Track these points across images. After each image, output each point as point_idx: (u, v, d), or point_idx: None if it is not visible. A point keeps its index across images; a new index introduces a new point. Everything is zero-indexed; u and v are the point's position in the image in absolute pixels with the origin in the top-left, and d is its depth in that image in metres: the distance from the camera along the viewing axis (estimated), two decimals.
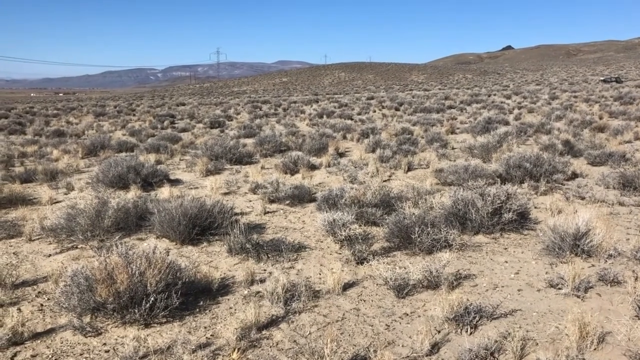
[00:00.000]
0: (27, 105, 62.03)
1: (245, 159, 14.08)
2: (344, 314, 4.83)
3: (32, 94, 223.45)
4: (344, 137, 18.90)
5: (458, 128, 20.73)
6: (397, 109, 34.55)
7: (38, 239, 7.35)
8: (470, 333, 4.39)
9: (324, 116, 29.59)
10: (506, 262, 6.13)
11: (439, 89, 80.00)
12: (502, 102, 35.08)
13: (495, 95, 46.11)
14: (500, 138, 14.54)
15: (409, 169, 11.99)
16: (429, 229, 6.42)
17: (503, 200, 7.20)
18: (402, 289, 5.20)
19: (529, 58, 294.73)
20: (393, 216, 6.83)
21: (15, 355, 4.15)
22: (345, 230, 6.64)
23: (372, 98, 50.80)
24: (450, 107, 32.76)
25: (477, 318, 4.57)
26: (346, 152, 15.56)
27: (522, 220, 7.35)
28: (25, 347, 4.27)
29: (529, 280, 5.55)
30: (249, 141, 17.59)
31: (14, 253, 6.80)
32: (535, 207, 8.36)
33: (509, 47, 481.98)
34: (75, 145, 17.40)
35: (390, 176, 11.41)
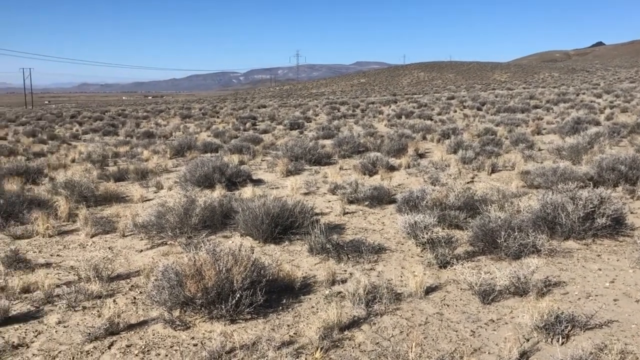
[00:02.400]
0: (119, 108, 65.79)
1: (324, 160, 14.19)
2: (427, 318, 4.74)
3: (123, 97, 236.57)
4: (424, 138, 18.61)
5: (544, 128, 19.85)
6: (479, 109, 33.59)
7: (131, 235, 7.76)
8: (562, 343, 4.18)
9: (403, 117, 29.29)
10: (600, 269, 5.79)
11: (524, 88, 77.00)
12: (592, 102, 33.22)
13: (584, 94, 43.77)
14: (590, 139, 13.78)
15: (493, 170, 11.62)
16: (516, 233, 6.18)
17: (596, 204, 6.81)
18: (488, 295, 5.04)
19: (622, 54, 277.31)
20: (477, 219, 6.64)
21: (112, 344, 4.40)
22: (427, 233, 6.53)
23: (452, 98, 49.70)
24: (535, 107, 31.43)
25: (569, 328, 4.35)
26: (426, 153, 15.32)
27: (617, 226, 6.92)
28: (121, 337, 4.51)
29: (626, 290, 5.21)
30: (328, 142, 17.72)
31: (109, 248, 7.21)
32: (632, 213, 7.86)
33: (599, 44, 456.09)
34: (163, 146, 18.24)
35: (473, 178, 11.11)
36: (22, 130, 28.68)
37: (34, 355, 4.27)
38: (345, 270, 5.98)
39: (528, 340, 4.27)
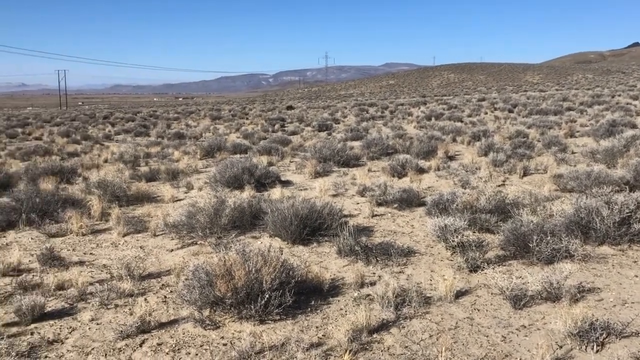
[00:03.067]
0: (150, 109, 66.85)
1: (353, 162, 14.17)
2: (457, 323, 4.69)
3: (154, 99, 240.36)
4: (454, 140, 18.43)
5: (578, 131, 19.44)
6: (510, 111, 33.08)
7: (162, 234, 7.86)
8: (597, 351, 4.08)
9: (432, 118, 29.05)
10: (636, 276, 5.64)
11: (556, 89, 75.58)
12: (628, 104, 32.38)
13: (619, 96, 42.71)
14: (627, 142, 13.45)
15: (525, 173, 11.43)
16: (548, 237, 6.06)
17: (632, 209, 6.63)
18: (519, 300, 4.96)
19: None
20: (509, 223, 6.53)
21: (143, 342, 4.46)
22: (457, 237, 6.46)
23: (483, 100, 49.07)
24: (569, 109, 30.83)
25: (604, 335, 4.24)
26: (456, 155, 15.16)
27: None
28: (152, 336, 4.58)
29: None
30: (356, 144, 17.69)
31: (140, 247, 7.33)
32: None
33: (636, 44, 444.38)
34: (194, 147, 18.46)
35: (504, 181, 10.95)
36: (57, 131, 29.39)
37: (68, 351, 4.36)
38: (374, 273, 5.95)
39: (561, 347, 4.18)
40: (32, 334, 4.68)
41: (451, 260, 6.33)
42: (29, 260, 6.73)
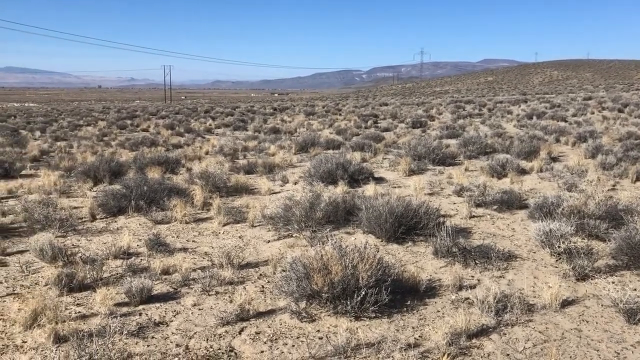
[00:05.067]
0: (248, 105, 68.98)
1: (448, 160, 13.81)
2: (563, 333, 4.42)
3: (252, 94, 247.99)
4: (557, 141, 17.46)
5: None
6: (620, 111, 30.84)
7: (259, 225, 8.07)
8: None
9: (534, 117, 27.69)
10: None
11: None
12: None
13: None
14: None
15: (638, 178, 10.60)
16: None
17: None
18: (635, 314, 4.59)
19: None
20: (622, 231, 6.08)
21: (242, 330, 4.60)
22: (563, 242, 6.10)
23: (589, 98, 46.13)
24: None
25: None
26: (560, 156, 14.35)
27: None
28: (250, 324, 4.70)
29: None
30: (452, 142, 17.24)
31: (239, 237, 7.57)
32: None
33: None
34: (289, 142, 18.82)
35: (614, 186, 10.22)
36: (162, 123, 31.08)
37: (172, 333, 4.58)
38: (473, 276, 5.76)
39: None
40: (140, 314, 4.97)
41: (556, 267, 5.99)
42: (137, 245, 7.15)
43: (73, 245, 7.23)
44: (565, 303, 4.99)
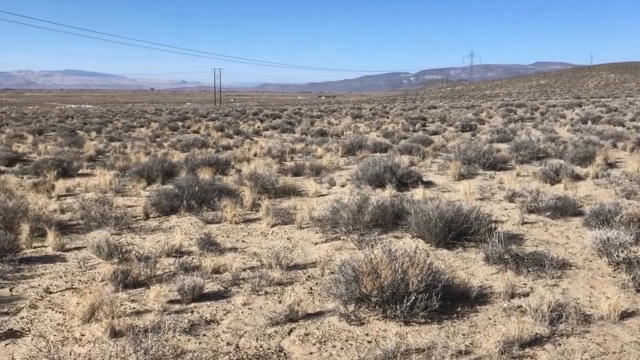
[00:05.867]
0: (295, 107, 69.55)
1: (499, 165, 13.53)
2: (622, 346, 4.26)
3: (299, 97, 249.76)
4: (614, 146, 16.83)
5: None
6: None
7: (307, 227, 8.12)
8: None
9: (589, 122, 26.79)
10: None
11: None
12: None
13: None
14: None
15: None
16: None
17: None
18: None
19: None
20: None
21: (291, 331, 4.63)
22: (622, 252, 5.87)
23: None
24: None
25: None
26: (617, 162, 13.83)
27: None
28: (299, 325, 4.73)
29: None
30: (503, 146, 16.88)
31: (287, 238, 7.63)
32: None
33: None
34: (335, 144, 18.85)
35: None
36: (212, 125, 31.70)
37: (223, 332, 4.66)
38: (525, 284, 5.61)
39: None
40: (192, 312, 5.08)
41: (614, 277, 5.78)
42: (189, 244, 7.31)
43: (127, 242, 7.46)
44: (625, 315, 4.80)
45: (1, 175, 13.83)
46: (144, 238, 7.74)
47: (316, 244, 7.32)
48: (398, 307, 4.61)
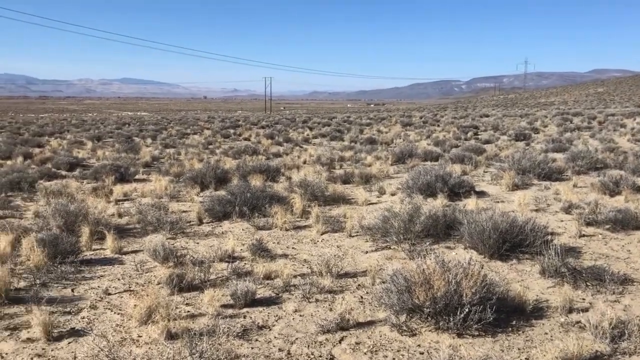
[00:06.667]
0: (344, 115, 69.69)
1: (555, 175, 13.13)
2: None
3: (348, 105, 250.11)
4: None
5: None
6: None
7: (356, 235, 8.12)
8: None
9: None
10: None
11: None
12: None
13: None
14: None
15: None
16: None
17: None
18: None
19: None
20: None
21: (342, 339, 4.64)
22: None
23: None
24: None
25: None
26: None
27: None
28: (350, 334, 4.73)
29: None
30: (559, 156, 16.40)
31: (337, 246, 7.65)
32: None
33: None
34: (385, 153, 18.78)
35: None
36: (263, 133, 32.17)
37: (275, 338, 4.71)
38: (584, 299, 5.42)
39: None
40: (244, 317, 5.16)
41: None
42: (241, 249, 7.44)
43: (182, 247, 7.65)
44: None
45: (63, 180, 14.46)
46: (197, 243, 7.92)
47: (366, 252, 7.31)
48: (451, 318, 4.55)
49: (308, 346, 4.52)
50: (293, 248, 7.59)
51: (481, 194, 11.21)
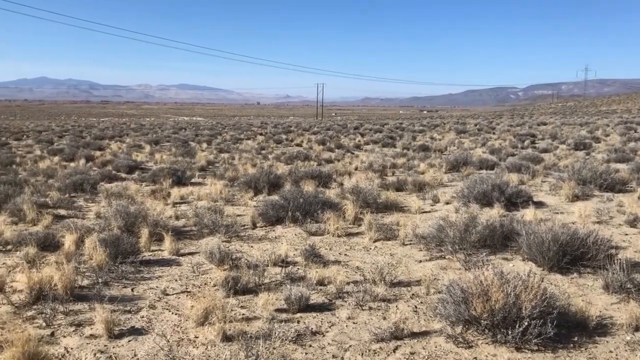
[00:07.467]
0: (397, 122, 69.22)
1: (618, 186, 12.59)
2: None
3: (400, 111, 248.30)
4: None
5: None
6: None
7: (410, 244, 8.03)
8: None
9: None
10: None
11: None
12: None
13: None
14: None
15: None
16: None
17: None
18: None
19: None
20: None
21: (396, 348, 4.59)
22: None
23: None
24: None
25: None
26: None
27: None
28: (404, 343, 4.67)
29: None
30: (622, 166, 15.73)
31: (390, 254, 7.58)
32: None
33: None
34: (439, 160, 18.52)
35: None
36: (314, 139, 32.36)
37: (328, 344, 4.71)
38: None
39: None
40: (298, 322, 5.18)
41: None
42: (294, 254, 7.49)
43: (237, 250, 7.78)
44: None
45: (123, 182, 14.99)
46: (251, 246, 8.03)
47: (420, 261, 7.22)
48: (509, 332, 4.42)
49: (362, 354, 4.50)
50: (345, 255, 7.58)
51: (539, 205, 10.88)
